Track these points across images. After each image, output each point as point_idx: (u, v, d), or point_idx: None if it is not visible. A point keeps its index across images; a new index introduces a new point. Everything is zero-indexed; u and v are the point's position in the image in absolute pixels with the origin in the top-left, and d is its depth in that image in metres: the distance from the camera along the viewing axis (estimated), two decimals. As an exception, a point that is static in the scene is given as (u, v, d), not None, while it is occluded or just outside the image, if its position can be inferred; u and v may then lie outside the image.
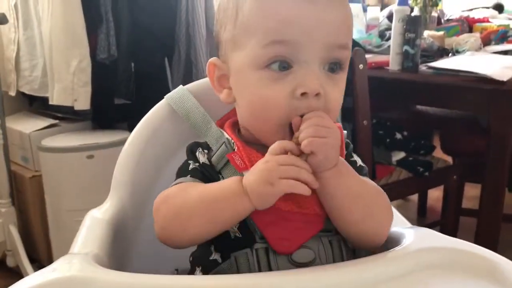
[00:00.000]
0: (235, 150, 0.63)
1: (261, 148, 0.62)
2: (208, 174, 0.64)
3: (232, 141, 0.64)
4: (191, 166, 0.65)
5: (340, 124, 0.70)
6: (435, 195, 2.60)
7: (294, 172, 0.54)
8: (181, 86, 0.82)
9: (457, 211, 2.12)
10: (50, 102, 1.93)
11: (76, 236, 0.68)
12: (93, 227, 0.71)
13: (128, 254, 0.78)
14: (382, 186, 0.76)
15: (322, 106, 0.58)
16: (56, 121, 2.07)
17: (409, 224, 0.70)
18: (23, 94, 2.20)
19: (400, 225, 0.67)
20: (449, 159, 2.21)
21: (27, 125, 2.08)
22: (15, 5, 2.05)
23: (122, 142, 2.03)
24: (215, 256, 0.62)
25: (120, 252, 0.72)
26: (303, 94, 0.57)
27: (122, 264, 0.72)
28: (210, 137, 0.70)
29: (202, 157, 0.66)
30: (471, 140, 2.04)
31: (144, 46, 2.00)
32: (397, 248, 0.58)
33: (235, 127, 0.68)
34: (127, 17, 1.95)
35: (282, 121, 0.59)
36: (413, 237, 0.60)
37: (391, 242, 0.62)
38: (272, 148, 0.57)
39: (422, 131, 2.16)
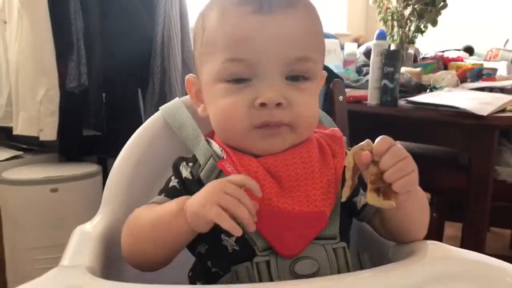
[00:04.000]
0: (224, 157, 0.63)
1: (250, 154, 0.63)
2: (188, 189, 0.63)
3: (221, 149, 0.64)
4: (171, 184, 0.66)
5: (337, 129, 0.71)
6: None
7: (233, 205, 0.52)
8: (177, 98, 0.83)
9: (437, 250, 2.06)
10: (14, 132, 1.85)
11: (65, 251, 0.64)
12: (82, 241, 0.68)
13: (124, 270, 0.72)
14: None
15: (288, 115, 0.60)
16: (20, 153, 1.98)
17: None
18: (-14, 124, 2.10)
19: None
20: (428, 196, 2.17)
21: (-12, 157, 1.97)
22: (-17, 31, 1.98)
23: (89, 175, 1.95)
24: (216, 269, 0.61)
25: (114, 268, 0.68)
26: (262, 104, 0.59)
27: (119, 279, 0.66)
28: (199, 151, 0.69)
29: (184, 171, 0.66)
30: (450, 177, 2.01)
31: (117, 76, 1.94)
32: (410, 259, 0.57)
33: None
34: (100, 45, 1.89)
35: (246, 128, 0.61)
36: (425, 248, 0.59)
37: (403, 254, 0.61)
38: (233, 177, 0.56)
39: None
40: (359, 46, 3.06)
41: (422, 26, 2.17)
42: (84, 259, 0.61)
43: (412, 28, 2.19)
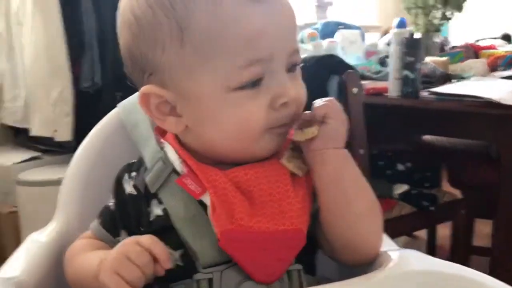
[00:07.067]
0: (184, 172, 0.55)
1: (219, 165, 0.56)
2: (133, 207, 0.60)
3: (181, 160, 0.56)
4: (108, 203, 0.63)
5: None
6: (445, 232, 2.43)
7: (131, 276, 0.50)
8: (137, 93, 0.73)
9: (467, 248, 1.95)
10: (31, 134, 1.87)
11: (6, 261, 0.62)
12: (30, 250, 0.65)
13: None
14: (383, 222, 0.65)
15: (295, 110, 0.56)
16: (38, 154, 1.99)
17: (396, 247, 0.61)
18: (9, 125, 2.12)
19: (387, 247, 0.59)
20: (457, 193, 2.05)
21: (8, 158, 1.98)
22: (0, 34, 2.00)
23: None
24: None
25: (60, 278, 0.65)
26: (284, 104, 0.54)
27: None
28: (147, 152, 0.63)
29: (128, 187, 0.61)
30: (480, 172, 1.90)
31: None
32: (378, 271, 0.52)
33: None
34: (113, 43, 1.87)
35: (261, 132, 0.55)
36: (397, 259, 0.52)
37: (372, 264, 0.55)
38: (144, 238, 0.52)
39: (428, 163, 2.01)
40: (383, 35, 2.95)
41: (448, 13, 2.05)
42: (21, 270, 0.58)
43: (438, 16, 2.07)
